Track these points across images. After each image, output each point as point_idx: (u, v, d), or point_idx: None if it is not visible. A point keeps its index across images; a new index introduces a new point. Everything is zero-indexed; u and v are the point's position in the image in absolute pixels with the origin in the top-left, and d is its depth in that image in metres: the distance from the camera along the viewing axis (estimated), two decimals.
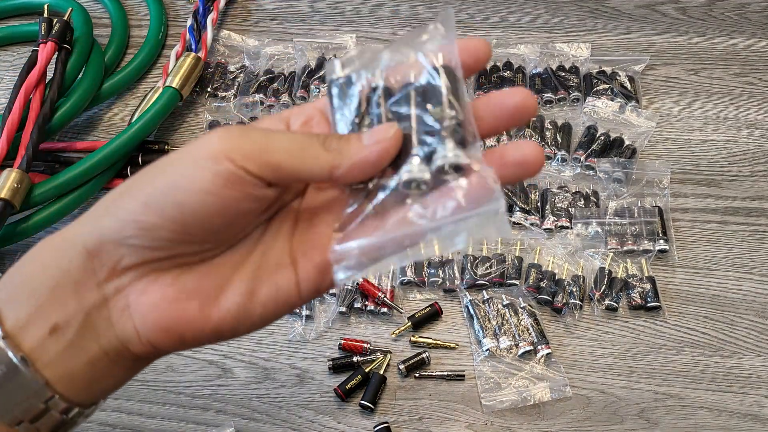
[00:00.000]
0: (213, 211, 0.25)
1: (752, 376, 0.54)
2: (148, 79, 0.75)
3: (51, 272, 0.26)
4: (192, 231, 0.26)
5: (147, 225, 0.25)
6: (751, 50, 0.72)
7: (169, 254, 0.26)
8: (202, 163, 0.25)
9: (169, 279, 0.27)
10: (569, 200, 0.62)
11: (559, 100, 0.68)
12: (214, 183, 0.25)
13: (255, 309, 0.28)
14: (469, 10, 0.77)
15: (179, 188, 0.25)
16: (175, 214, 0.25)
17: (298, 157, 0.25)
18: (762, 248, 0.60)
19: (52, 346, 0.26)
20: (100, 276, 0.26)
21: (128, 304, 0.27)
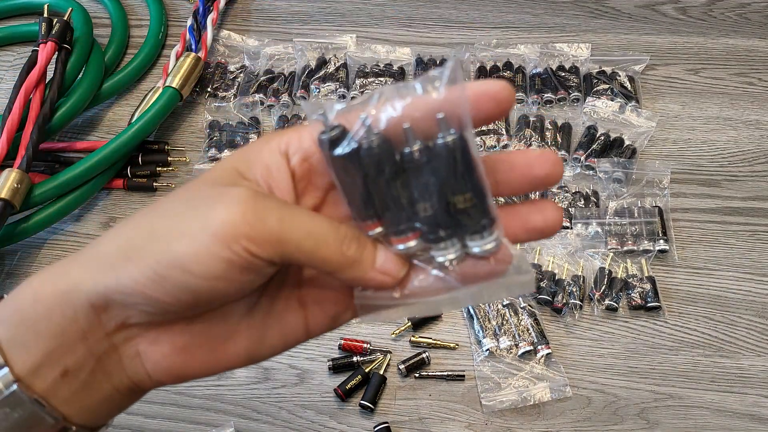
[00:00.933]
0: (224, 292, 0.25)
1: (752, 376, 0.54)
2: (148, 79, 0.75)
3: (57, 320, 0.25)
4: (200, 306, 0.26)
5: (154, 300, 0.25)
6: (751, 50, 0.72)
7: (174, 317, 0.26)
8: (214, 250, 0.23)
9: (178, 329, 0.27)
10: (569, 200, 0.62)
11: (559, 100, 0.68)
12: (227, 271, 0.24)
13: (263, 351, 0.28)
14: (469, 10, 0.77)
15: (189, 273, 0.24)
16: (185, 296, 0.24)
17: (311, 252, 0.24)
18: (762, 248, 0.60)
19: (65, 388, 0.26)
20: (108, 328, 0.26)
21: (139, 353, 0.27)
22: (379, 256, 0.26)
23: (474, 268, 0.26)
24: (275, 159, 0.27)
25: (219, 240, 0.23)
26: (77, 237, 0.64)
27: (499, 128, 0.66)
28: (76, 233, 0.64)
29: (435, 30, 0.76)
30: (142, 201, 0.66)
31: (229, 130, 0.68)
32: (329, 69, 0.72)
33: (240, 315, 0.28)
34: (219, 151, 0.67)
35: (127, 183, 0.66)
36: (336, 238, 0.25)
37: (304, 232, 0.24)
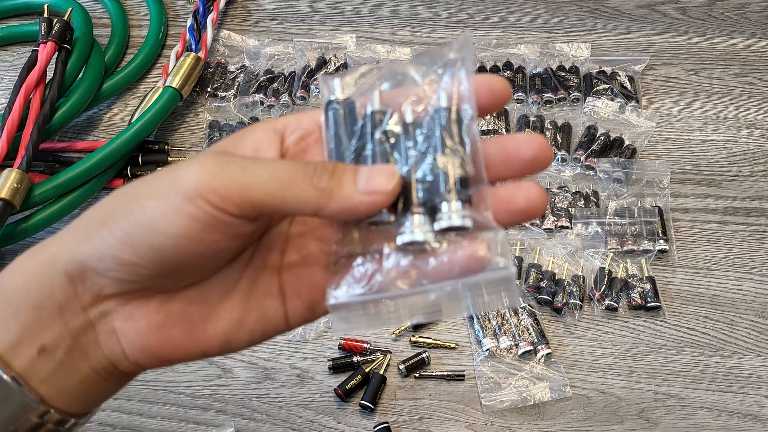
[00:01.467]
0: (192, 252, 0.24)
1: (752, 376, 0.54)
2: (148, 79, 0.75)
3: (34, 293, 0.25)
4: (171, 270, 0.25)
5: (125, 262, 0.24)
6: (751, 50, 0.72)
7: (150, 286, 0.26)
8: (179, 205, 0.23)
9: (154, 305, 0.26)
10: (569, 200, 0.62)
11: (559, 100, 0.68)
12: (191, 228, 0.23)
13: (242, 335, 0.27)
14: (469, 10, 0.77)
15: (156, 230, 0.24)
16: (153, 255, 0.24)
17: (280, 194, 0.24)
18: (762, 248, 0.60)
19: (42, 366, 0.25)
20: (84, 301, 0.26)
21: (115, 329, 0.26)
22: (361, 176, 0.24)
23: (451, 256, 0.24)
24: (266, 136, 0.27)
25: (183, 195, 0.23)
26: None
27: (499, 128, 0.66)
28: None
29: (435, 30, 0.76)
30: None
31: (229, 130, 0.68)
32: (329, 69, 0.72)
33: (219, 295, 0.27)
34: None
35: (127, 183, 0.66)
36: (305, 173, 0.24)
37: (268, 176, 0.24)
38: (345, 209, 0.24)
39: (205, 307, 0.27)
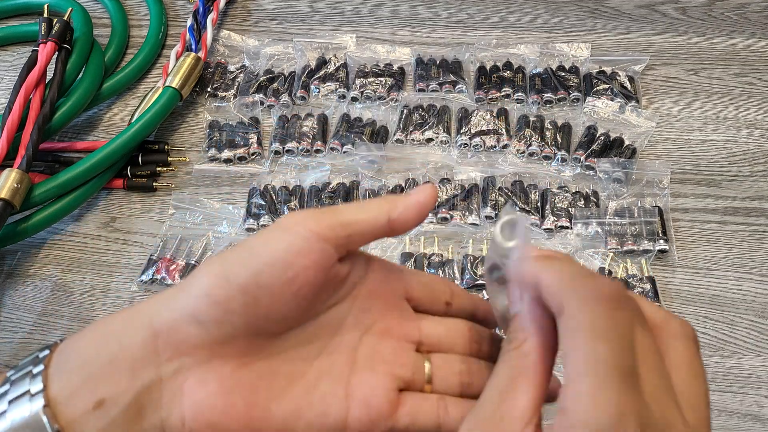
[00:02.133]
0: (284, 279, 0.26)
1: (752, 376, 0.54)
2: (148, 79, 0.75)
3: (111, 346, 0.26)
4: (262, 302, 0.26)
5: (220, 297, 0.25)
6: (751, 50, 0.72)
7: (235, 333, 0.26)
8: (279, 234, 0.26)
9: (228, 369, 0.27)
10: (569, 200, 0.62)
11: (559, 100, 0.68)
12: (286, 251, 0.26)
13: (300, 426, 0.28)
14: (469, 10, 0.77)
15: (255, 255, 0.26)
16: (248, 282, 0.26)
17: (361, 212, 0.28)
18: (762, 248, 0.60)
19: (92, 422, 0.25)
20: (163, 356, 0.26)
21: (183, 389, 0.26)
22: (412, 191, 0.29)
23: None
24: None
25: (283, 227, 0.27)
26: (77, 237, 0.64)
27: (499, 128, 0.66)
28: (76, 233, 0.64)
29: (435, 30, 0.76)
30: (142, 201, 0.66)
31: (229, 130, 0.68)
32: (329, 69, 0.72)
33: (287, 379, 0.28)
34: (219, 151, 0.67)
35: (127, 183, 0.66)
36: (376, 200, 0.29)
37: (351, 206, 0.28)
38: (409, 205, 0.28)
39: (272, 385, 0.27)
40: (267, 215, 0.62)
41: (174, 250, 0.61)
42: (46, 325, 0.59)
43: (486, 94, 0.69)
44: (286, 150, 0.67)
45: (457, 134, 0.67)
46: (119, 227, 0.64)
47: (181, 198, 0.64)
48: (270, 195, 0.63)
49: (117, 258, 0.62)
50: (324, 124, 0.68)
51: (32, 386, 0.25)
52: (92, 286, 0.61)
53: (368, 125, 0.68)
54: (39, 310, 0.60)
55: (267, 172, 0.66)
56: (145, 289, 0.60)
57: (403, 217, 0.28)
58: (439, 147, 0.66)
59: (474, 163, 0.65)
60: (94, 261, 0.62)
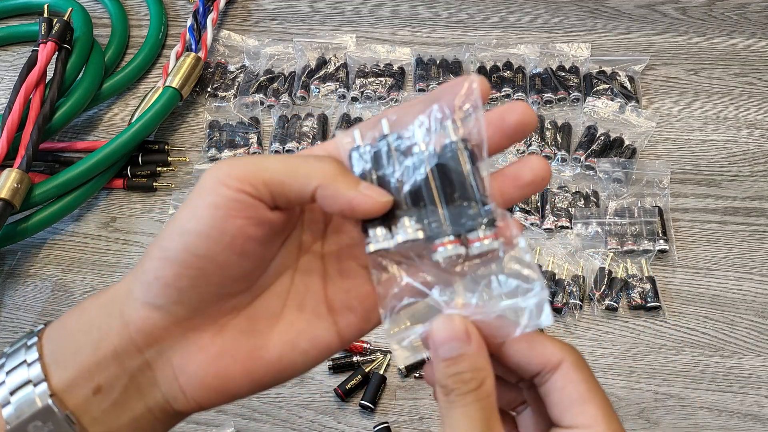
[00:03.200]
0: (221, 244, 0.25)
1: (752, 376, 0.54)
2: (148, 79, 0.75)
3: (93, 335, 0.26)
4: (209, 271, 0.26)
5: (167, 279, 0.25)
6: (751, 50, 0.72)
7: (197, 304, 0.26)
8: (201, 199, 0.25)
9: (207, 337, 0.27)
10: (569, 200, 0.62)
11: (559, 100, 0.68)
12: (215, 217, 0.25)
13: (296, 359, 0.28)
14: (469, 10, 0.77)
15: (186, 231, 0.25)
16: (187, 258, 0.25)
17: (290, 171, 0.25)
18: (762, 248, 0.60)
19: (96, 405, 0.26)
20: (140, 342, 0.26)
21: (173, 366, 0.27)
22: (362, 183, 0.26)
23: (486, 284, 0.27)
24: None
25: (208, 190, 0.25)
26: (77, 237, 0.64)
27: None
28: (76, 233, 0.64)
29: (435, 30, 0.76)
30: (142, 201, 0.66)
31: (229, 130, 0.68)
32: (329, 69, 0.72)
33: (267, 322, 0.28)
34: (219, 151, 0.67)
35: (127, 183, 0.66)
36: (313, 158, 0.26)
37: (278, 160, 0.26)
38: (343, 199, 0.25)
39: (257, 335, 0.28)
40: None
41: None
42: None
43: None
44: (286, 150, 0.67)
45: None
46: (119, 227, 0.64)
47: (181, 198, 0.64)
48: None
49: (117, 258, 0.62)
50: (324, 124, 0.68)
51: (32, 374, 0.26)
52: (92, 286, 0.61)
53: None
54: (39, 310, 0.60)
55: None
56: None
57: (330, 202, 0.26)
58: None
59: None
60: (94, 261, 0.62)
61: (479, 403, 0.25)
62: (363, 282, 0.28)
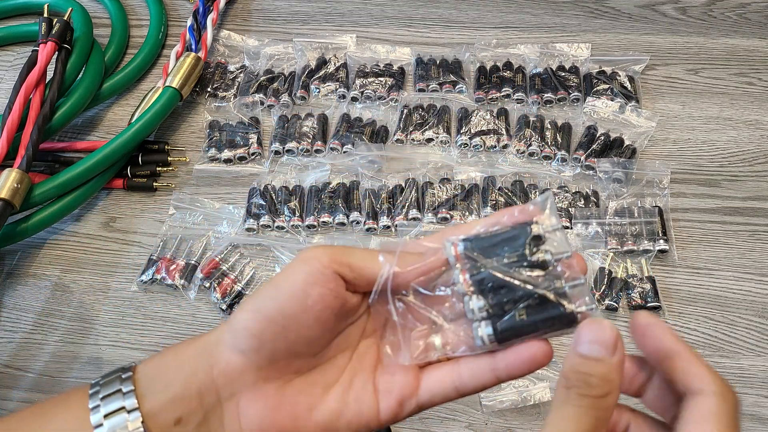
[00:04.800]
0: (303, 306, 0.30)
1: (752, 376, 0.54)
2: (148, 79, 0.75)
3: (185, 371, 0.31)
4: (289, 328, 0.30)
5: (255, 330, 0.30)
6: (751, 50, 0.72)
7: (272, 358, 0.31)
8: (297, 267, 0.31)
9: (272, 390, 0.32)
10: (569, 200, 0.62)
11: (559, 100, 0.68)
12: (305, 280, 0.30)
13: (340, 427, 0.32)
14: (469, 10, 0.77)
15: (279, 291, 0.30)
16: (275, 314, 0.30)
17: (368, 261, 0.31)
18: (762, 248, 0.60)
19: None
20: (218, 381, 0.31)
21: (239, 407, 0.31)
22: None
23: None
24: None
25: (303, 261, 0.31)
26: (77, 237, 0.64)
27: (499, 128, 0.66)
28: (76, 233, 0.64)
29: (435, 30, 0.76)
30: (141, 201, 0.66)
31: (229, 130, 0.68)
32: (329, 69, 0.72)
33: (323, 387, 0.32)
34: (219, 151, 0.67)
35: (127, 183, 0.66)
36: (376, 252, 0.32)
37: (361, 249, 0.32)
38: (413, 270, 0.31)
39: (312, 397, 0.32)
40: (267, 215, 0.62)
41: (174, 250, 0.61)
42: (46, 325, 0.59)
43: (486, 94, 0.69)
44: (286, 150, 0.67)
45: (457, 134, 0.67)
46: (119, 227, 0.64)
47: (181, 198, 0.64)
48: (270, 195, 0.63)
49: (117, 258, 0.62)
50: (324, 124, 0.68)
51: (126, 403, 0.30)
52: (92, 286, 0.61)
53: (368, 125, 0.68)
54: (39, 310, 0.60)
55: (267, 172, 0.66)
56: (145, 289, 0.60)
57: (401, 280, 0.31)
58: (439, 147, 0.66)
59: (474, 163, 0.65)
60: (94, 261, 0.62)
61: (594, 411, 0.26)
62: (407, 373, 0.32)
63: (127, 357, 0.57)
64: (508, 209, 0.31)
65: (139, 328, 0.58)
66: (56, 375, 0.56)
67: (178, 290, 0.60)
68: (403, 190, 0.63)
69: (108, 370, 0.33)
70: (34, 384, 0.56)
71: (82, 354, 0.57)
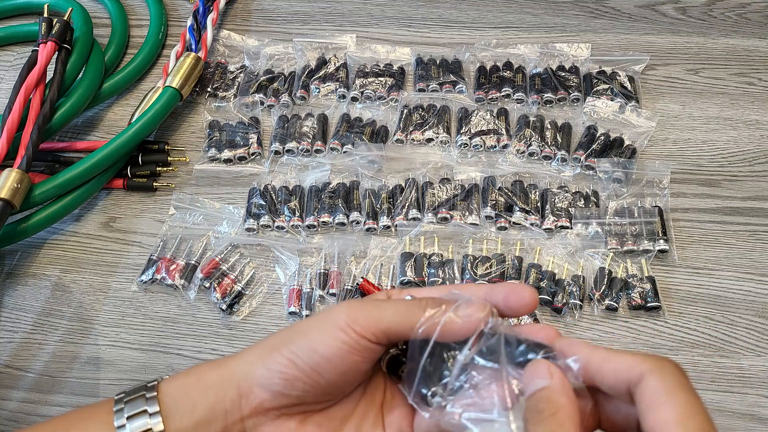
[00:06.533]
0: (338, 370, 0.32)
1: (752, 376, 0.54)
2: (148, 79, 0.75)
3: (210, 398, 0.33)
4: (320, 384, 0.32)
5: (289, 377, 0.32)
6: (751, 50, 0.72)
7: (298, 401, 0.33)
8: (334, 333, 0.32)
9: (293, 425, 0.33)
10: (569, 200, 0.62)
11: (559, 100, 0.68)
12: (341, 349, 0.32)
13: None
14: (469, 10, 0.77)
15: (316, 352, 0.32)
16: (311, 371, 0.32)
17: (401, 322, 0.32)
18: (762, 248, 0.60)
19: None
20: (245, 412, 0.33)
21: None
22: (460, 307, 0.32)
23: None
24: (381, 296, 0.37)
25: (337, 327, 0.32)
26: (77, 237, 0.64)
27: (499, 128, 0.66)
28: (76, 233, 0.64)
29: (435, 30, 0.76)
30: (142, 201, 0.66)
31: (229, 130, 0.68)
32: (329, 69, 0.72)
33: (339, 422, 0.34)
34: (219, 151, 0.67)
35: (127, 183, 0.66)
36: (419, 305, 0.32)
37: (392, 309, 0.33)
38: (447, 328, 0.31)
39: (330, 430, 0.34)
40: (267, 215, 0.62)
41: (174, 250, 0.61)
42: (46, 325, 0.59)
43: (486, 94, 0.69)
44: (286, 150, 0.67)
45: (457, 134, 0.67)
46: (119, 227, 0.64)
47: (181, 198, 0.64)
48: (270, 195, 0.63)
49: (117, 258, 0.62)
50: (324, 124, 0.68)
51: (153, 424, 0.32)
52: (92, 286, 0.61)
53: (368, 125, 0.68)
54: (39, 310, 0.60)
55: (267, 172, 0.66)
56: (145, 289, 0.60)
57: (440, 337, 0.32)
58: (439, 147, 0.66)
59: (474, 163, 0.65)
60: (94, 261, 0.62)
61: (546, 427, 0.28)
62: (406, 405, 0.34)
63: (127, 357, 0.57)
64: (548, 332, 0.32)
65: (139, 328, 0.58)
66: (56, 375, 0.56)
67: (178, 290, 0.60)
68: (403, 190, 0.63)
69: (108, 370, 0.33)
70: (34, 384, 0.56)
71: (82, 354, 0.57)
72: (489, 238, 0.61)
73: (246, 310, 0.59)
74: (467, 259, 0.59)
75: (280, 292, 0.59)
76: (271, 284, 0.60)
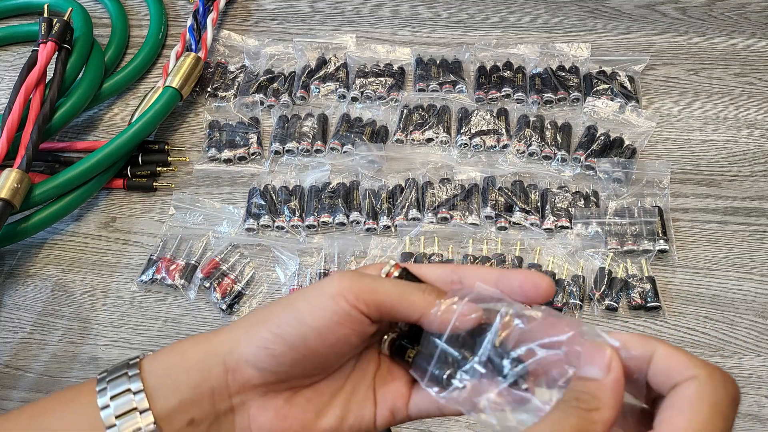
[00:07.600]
0: (327, 342, 0.31)
1: (752, 376, 0.54)
2: (148, 79, 0.75)
3: (194, 374, 0.32)
4: (309, 358, 0.31)
5: (277, 353, 0.31)
6: (751, 50, 0.72)
7: (286, 377, 0.32)
8: (324, 302, 0.31)
9: (282, 399, 0.33)
10: (569, 200, 0.62)
11: (559, 100, 0.68)
12: (330, 320, 0.30)
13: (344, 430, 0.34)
14: (469, 10, 0.77)
15: (304, 323, 0.31)
16: (298, 344, 0.31)
17: (399, 298, 0.31)
18: (762, 248, 0.60)
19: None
20: (232, 389, 0.32)
21: (249, 416, 0.32)
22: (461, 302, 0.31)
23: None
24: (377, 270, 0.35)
25: (327, 295, 0.31)
26: (77, 237, 0.64)
27: (499, 128, 0.66)
28: (76, 233, 0.64)
29: (435, 30, 0.76)
30: (142, 201, 0.66)
31: (229, 129, 0.68)
32: (329, 69, 0.72)
33: (329, 396, 0.34)
34: (219, 151, 0.67)
35: (127, 183, 0.66)
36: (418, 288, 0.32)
37: (391, 284, 0.32)
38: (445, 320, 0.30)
39: (319, 405, 0.33)
40: (267, 215, 0.62)
41: (174, 250, 0.61)
42: (46, 325, 0.59)
43: (486, 94, 0.69)
44: (286, 150, 0.67)
45: (457, 134, 0.67)
46: (119, 227, 0.64)
47: (181, 198, 0.64)
48: (270, 195, 0.63)
49: (117, 258, 0.62)
50: (324, 124, 0.68)
51: (137, 401, 0.31)
52: (92, 286, 0.61)
53: (368, 125, 0.68)
54: (39, 310, 0.60)
55: (267, 172, 0.66)
56: (145, 289, 0.60)
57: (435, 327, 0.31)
58: (439, 147, 0.66)
59: (474, 163, 0.65)
60: (94, 261, 0.62)
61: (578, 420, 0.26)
62: (403, 384, 0.34)
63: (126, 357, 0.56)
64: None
65: (139, 328, 0.58)
66: (56, 375, 0.56)
67: (178, 290, 0.60)
68: (403, 190, 0.63)
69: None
70: (34, 384, 0.56)
71: (82, 354, 0.57)
72: (489, 238, 0.61)
73: (246, 310, 0.59)
74: (467, 259, 0.59)
75: (280, 292, 0.59)
76: (271, 284, 0.60)
